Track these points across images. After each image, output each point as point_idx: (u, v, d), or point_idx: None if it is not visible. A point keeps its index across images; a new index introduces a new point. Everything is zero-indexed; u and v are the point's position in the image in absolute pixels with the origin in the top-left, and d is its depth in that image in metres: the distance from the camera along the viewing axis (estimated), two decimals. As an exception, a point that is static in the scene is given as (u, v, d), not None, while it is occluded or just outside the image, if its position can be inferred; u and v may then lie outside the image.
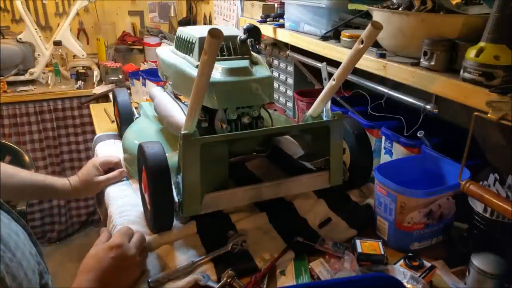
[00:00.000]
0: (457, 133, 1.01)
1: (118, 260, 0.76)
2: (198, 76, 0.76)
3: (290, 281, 0.81)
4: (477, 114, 0.72)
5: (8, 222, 0.57)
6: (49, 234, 2.59)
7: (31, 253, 0.59)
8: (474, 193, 0.76)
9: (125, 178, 1.17)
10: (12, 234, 0.56)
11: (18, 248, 0.55)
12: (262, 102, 0.99)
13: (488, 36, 0.75)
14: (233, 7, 2.24)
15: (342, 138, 1.01)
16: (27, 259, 0.56)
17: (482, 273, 0.75)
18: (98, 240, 0.81)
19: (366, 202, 1.04)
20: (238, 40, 1.03)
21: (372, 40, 0.81)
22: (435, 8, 0.90)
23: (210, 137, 0.88)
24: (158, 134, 1.20)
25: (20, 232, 0.60)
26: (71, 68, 2.65)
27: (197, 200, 0.88)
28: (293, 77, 1.64)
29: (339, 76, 0.89)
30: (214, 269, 0.82)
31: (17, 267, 0.52)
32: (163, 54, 1.22)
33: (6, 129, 2.33)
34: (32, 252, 0.60)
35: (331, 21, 1.24)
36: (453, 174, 0.90)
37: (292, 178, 0.99)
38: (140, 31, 3.06)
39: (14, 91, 2.34)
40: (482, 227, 0.81)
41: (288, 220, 0.98)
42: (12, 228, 0.57)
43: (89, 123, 2.45)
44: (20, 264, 0.54)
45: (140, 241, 0.83)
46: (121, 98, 1.38)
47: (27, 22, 2.38)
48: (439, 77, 0.84)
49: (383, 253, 0.85)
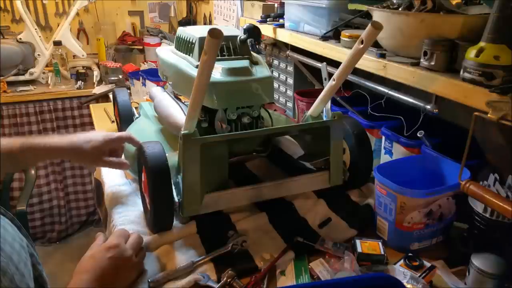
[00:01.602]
0: (457, 133, 1.01)
1: (115, 260, 0.76)
2: (198, 76, 0.76)
3: (290, 281, 0.81)
4: (477, 114, 0.72)
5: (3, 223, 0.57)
6: (49, 234, 2.59)
7: (21, 245, 0.59)
8: (474, 193, 0.76)
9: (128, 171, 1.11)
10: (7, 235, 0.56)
11: (6, 242, 0.55)
12: (262, 102, 0.99)
13: (488, 36, 0.75)
14: (233, 7, 2.24)
15: (342, 138, 1.01)
16: (17, 252, 0.56)
17: (482, 273, 0.75)
18: (94, 244, 0.81)
19: (366, 202, 1.04)
20: (238, 40, 1.03)
21: (372, 40, 0.81)
22: (435, 8, 0.90)
23: (210, 137, 0.88)
24: (158, 134, 1.20)
25: (8, 225, 0.59)
26: (71, 68, 2.65)
27: (197, 200, 0.88)
28: (293, 77, 1.64)
29: (339, 76, 0.89)
30: (214, 269, 0.82)
31: (6, 262, 0.52)
32: (163, 54, 1.22)
33: (6, 129, 2.33)
34: (23, 244, 0.60)
35: (331, 21, 1.24)
36: (453, 174, 0.90)
37: (292, 178, 0.99)
38: (140, 31, 3.06)
39: (14, 91, 2.34)
40: (482, 227, 0.81)
41: (288, 220, 0.98)
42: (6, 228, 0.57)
43: (89, 123, 2.45)
44: (10, 258, 0.54)
45: (136, 242, 0.83)
46: (121, 98, 1.38)
47: (27, 22, 2.38)
48: (439, 77, 0.84)
49: (383, 253, 0.85)
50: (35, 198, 2.46)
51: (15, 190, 2.30)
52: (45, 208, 2.53)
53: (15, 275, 0.53)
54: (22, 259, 0.57)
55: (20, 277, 0.54)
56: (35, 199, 2.46)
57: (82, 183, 2.60)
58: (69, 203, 2.61)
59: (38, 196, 2.47)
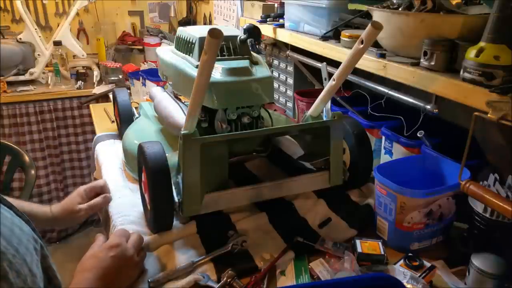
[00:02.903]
0: (457, 133, 1.01)
1: (117, 259, 0.76)
2: (198, 76, 0.76)
3: (290, 281, 0.81)
4: (477, 114, 0.72)
5: (11, 217, 0.57)
6: (49, 234, 2.59)
7: (35, 248, 0.59)
8: (474, 193, 0.76)
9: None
10: (16, 228, 0.55)
11: (21, 243, 0.54)
12: (262, 102, 0.99)
13: (488, 36, 0.75)
14: (233, 7, 2.24)
15: (342, 138, 1.01)
16: (31, 253, 0.56)
17: (482, 273, 0.75)
18: (94, 244, 0.81)
19: (366, 202, 1.04)
20: (238, 40, 1.03)
21: (372, 40, 0.81)
22: (435, 8, 0.90)
23: (210, 137, 0.88)
24: (158, 134, 1.20)
25: (24, 226, 0.59)
26: (71, 68, 2.65)
27: (197, 200, 0.88)
28: (293, 77, 1.64)
29: (339, 76, 0.89)
30: (214, 269, 0.82)
31: (20, 263, 0.52)
32: (163, 54, 1.22)
33: (6, 129, 2.33)
34: (37, 247, 0.60)
35: (331, 21, 1.24)
36: (453, 174, 0.90)
37: (292, 178, 0.99)
38: (140, 31, 3.06)
39: (14, 91, 2.34)
40: (482, 227, 0.81)
41: (288, 220, 0.98)
42: (15, 222, 0.56)
43: (89, 123, 2.45)
44: (24, 260, 0.53)
45: (137, 242, 0.83)
46: (121, 98, 1.38)
47: (27, 22, 2.38)
48: (439, 77, 0.84)
49: (383, 253, 0.85)
50: (35, 198, 2.46)
51: (15, 190, 2.30)
52: (45, 208, 2.53)
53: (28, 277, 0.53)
54: (34, 261, 0.56)
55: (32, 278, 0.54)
56: (35, 199, 2.46)
57: (82, 183, 2.58)
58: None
59: (38, 196, 2.47)
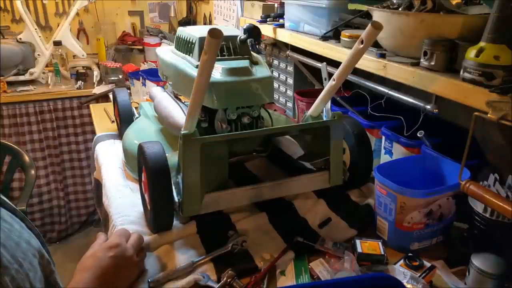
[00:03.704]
0: (457, 133, 1.01)
1: (116, 259, 0.76)
2: (198, 76, 0.76)
3: (290, 281, 0.81)
4: (477, 114, 0.72)
5: (20, 229, 0.55)
6: (49, 234, 2.59)
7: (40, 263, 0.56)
8: (474, 193, 0.76)
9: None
10: (22, 242, 0.54)
11: (26, 258, 0.53)
12: (262, 102, 0.99)
13: (488, 36, 0.75)
14: (233, 7, 2.24)
15: (342, 138, 1.01)
16: (35, 269, 0.54)
17: (482, 273, 0.75)
18: (95, 243, 0.81)
19: (366, 202, 1.04)
20: (238, 40, 1.03)
21: (372, 40, 0.81)
22: (435, 8, 0.90)
23: (210, 137, 0.88)
24: (158, 134, 1.20)
25: (33, 239, 0.57)
26: (71, 68, 2.65)
27: (197, 200, 0.88)
28: (293, 77, 1.64)
29: (339, 76, 0.89)
30: (214, 269, 0.82)
31: (23, 278, 0.50)
32: (163, 54, 1.22)
33: (6, 129, 2.33)
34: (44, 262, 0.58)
35: (331, 21, 1.24)
36: (453, 174, 0.90)
37: (292, 178, 0.99)
38: (140, 31, 3.06)
39: (14, 91, 2.34)
40: (482, 227, 0.81)
41: (288, 220, 0.98)
42: (23, 236, 0.55)
43: (89, 123, 2.45)
44: (27, 276, 0.51)
45: (137, 242, 0.83)
46: (121, 98, 1.38)
47: (27, 22, 2.38)
48: (439, 77, 0.84)
49: (383, 253, 0.85)
50: (35, 198, 2.46)
51: (15, 190, 2.30)
52: (45, 208, 2.53)
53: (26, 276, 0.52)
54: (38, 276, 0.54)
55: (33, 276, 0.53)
56: (35, 199, 2.46)
57: (82, 183, 2.60)
58: (69, 203, 2.61)
59: (38, 196, 2.47)
